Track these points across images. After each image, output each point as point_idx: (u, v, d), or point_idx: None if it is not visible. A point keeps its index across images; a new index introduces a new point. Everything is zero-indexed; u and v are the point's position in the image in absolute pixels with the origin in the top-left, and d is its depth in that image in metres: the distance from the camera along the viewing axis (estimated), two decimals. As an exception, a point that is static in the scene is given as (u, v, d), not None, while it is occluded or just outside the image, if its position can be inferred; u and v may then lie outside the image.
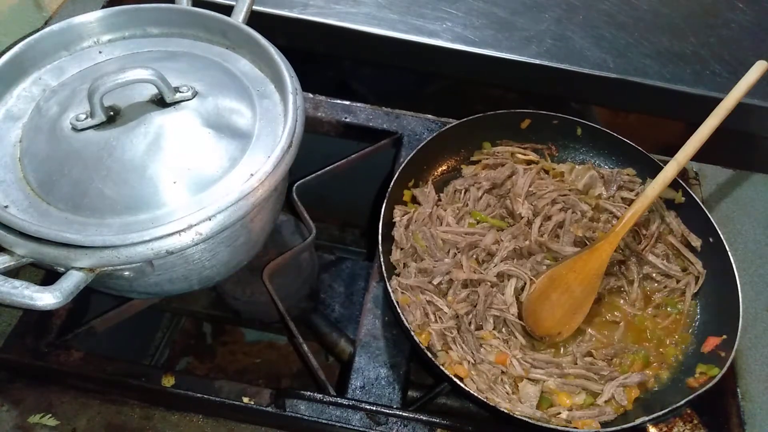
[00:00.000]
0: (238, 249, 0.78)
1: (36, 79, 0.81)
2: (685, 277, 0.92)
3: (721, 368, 0.79)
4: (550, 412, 0.79)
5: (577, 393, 0.81)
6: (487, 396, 0.78)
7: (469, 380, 0.80)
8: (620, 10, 1.24)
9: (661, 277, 0.94)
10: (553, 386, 0.81)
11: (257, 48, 0.83)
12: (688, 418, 0.79)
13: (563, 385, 0.81)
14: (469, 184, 1.00)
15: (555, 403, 0.80)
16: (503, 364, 0.82)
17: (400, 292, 0.86)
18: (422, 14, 1.19)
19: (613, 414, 0.79)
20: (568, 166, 1.04)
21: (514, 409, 0.76)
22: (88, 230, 0.66)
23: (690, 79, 1.12)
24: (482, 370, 0.81)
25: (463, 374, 0.79)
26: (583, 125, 1.03)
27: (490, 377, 0.80)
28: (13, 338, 0.85)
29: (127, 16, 0.86)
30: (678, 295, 0.92)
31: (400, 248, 0.92)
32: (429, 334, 0.83)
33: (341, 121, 1.11)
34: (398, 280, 0.88)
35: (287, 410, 0.80)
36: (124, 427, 0.81)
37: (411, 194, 0.98)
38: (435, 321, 0.85)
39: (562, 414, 0.78)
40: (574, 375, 0.82)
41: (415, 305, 0.85)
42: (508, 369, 0.81)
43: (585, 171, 1.02)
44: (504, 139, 1.05)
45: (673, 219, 0.97)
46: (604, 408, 0.79)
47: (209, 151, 0.73)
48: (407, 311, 0.84)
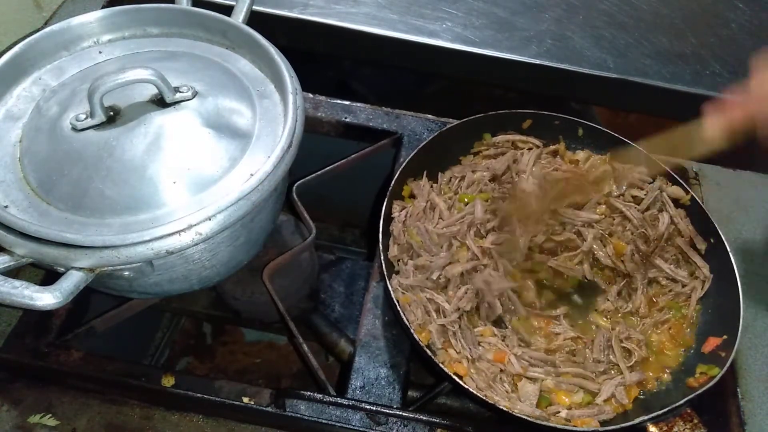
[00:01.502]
0: (238, 249, 0.78)
1: (36, 79, 0.81)
2: (691, 282, 0.92)
3: (722, 368, 0.79)
4: (549, 411, 0.79)
5: (575, 392, 0.81)
6: (486, 394, 0.78)
7: (469, 378, 0.80)
8: (620, 10, 1.24)
9: (667, 281, 0.93)
10: (551, 385, 0.81)
11: (257, 48, 0.83)
12: (688, 417, 0.79)
13: (561, 384, 0.81)
14: (466, 171, 0.99)
15: (554, 401, 0.80)
16: (502, 362, 0.81)
17: (400, 291, 0.86)
18: (422, 14, 1.19)
19: (612, 413, 0.79)
20: (585, 153, 1.03)
21: (513, 408, 0.76)
22: (88, 230, 0.66)
23: (690, 79, 1.12)
24: (481, 368, 0.81)
25: (463, 372, 0.79)
26: (584, 126, 1.03)
27: (489, 375, 0.80)
28: (13, 338, 0.85)
29: (127, 16, 0.86)
30: (683, 299, 0.91)
31: (397, 244, 0.91)
32: (429, 332, 0.83)
33: (341, 121, 1.11)
34: (398, 280, 0.87)
35: (287, 410, 0.80)
36: (124, 427, 0.81)
37: (410, 190, 0.97)
38: (438, 317, 0.84)
39: (562, 413, 0.78)
40: (571, 374, 0.82)
41: (416, 304, 0.85)
42: (506, 367, 0.81)
43: (601, 163, 1.01)
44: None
45: (682, 219, 0.96)
46: (603, 407, 0.79)
47: (209, 151, 0.73)
48: (408, 310, 0.84)
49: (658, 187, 0.98)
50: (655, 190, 0.98)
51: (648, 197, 0.98)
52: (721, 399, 0.85)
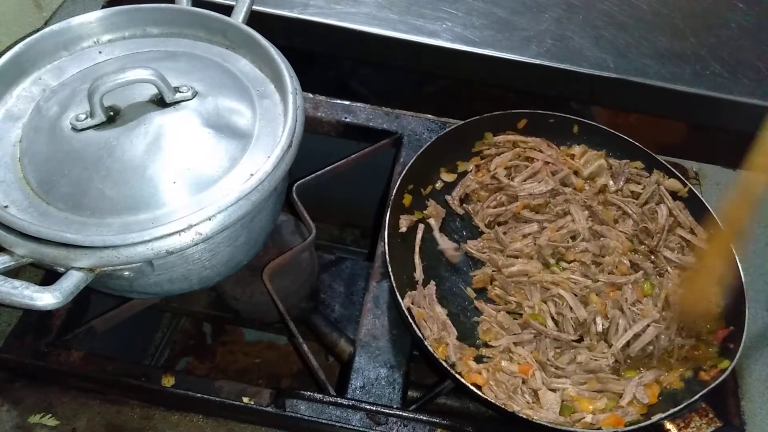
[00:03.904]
0: (238, 249, 0.78)
1: (36, 79, 0.81)
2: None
3: (732, 360, 0.79)
4: (573, 418, 0.78)
5: (599, 398, 0.80)
6: (505, 403, 0.77)
7: (488, 389, 0.78)
8: (620, 10, 1.24)
9: (677, 271, 0.92)
10: (573, 393, 0.80)
11: (257, 48, 0.83)
12: (703, 412, 0.78)
13: (584, 391, 0.80)
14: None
15: (577, 409, 0.79)
16: (525, 374, 0.80)
17: (416, 309, 0.85)
18: (422, 14, 1.19)
19: (637, 414, 0.78)
20: (581, 148, 1.03)
21: (535, 416, 0.75)
22: (88, 230, 0.66)
23: (690, 79, 1.12)
24: (501, 380, 0.79)
25: (481, 383, 0.79)
26: (579, 122, 1.04)
27: (510, 387, 0.79)
28: (13, 338, 0.85)
29: (127, 16, 0.86)
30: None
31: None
32: (446, 346, 0.82)
33: (341, 121, 1.11)
34: (411, 297, 0.87)
35: (287, 410, 0.80)
36: (124, 427, 0.81)
37: (410, 199, 0.97)
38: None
39: (587, 418, 0.77)
40: (596, 379, 0.81)
41: (432, 320, 0.85)
42: (529, 380, 0.80)
43: (596, 158, 1.01)
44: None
45: (680, 211, 0.96)
46: (627, 409, 0.78)
47: (209, 151, 0.73)
48: (423, 326, 0.84)
49: (655, 180, 0.98)
50: (652, 184, 0.98)
51: (646, 191, 0.98)
52: (721, 399, 0.85)
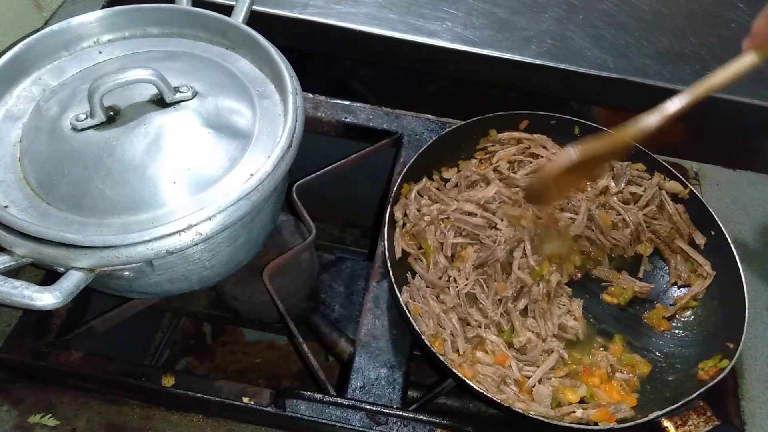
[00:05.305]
0: (238, 249, 0.78)
1: (36, 79, 0.81)
2: (695, 280, 0.92)
3: (731, 360, 0.79)
4: (562, 411, 0.78)
5: (578, 385, 0.81)
6: (500, 398, 0.77)
7: (476, 381, 0.79)
8: (620, 10, 1.24)
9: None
10: (556, 383, 0.81)
11: (257, 48, 0.83)
12: (701, 410, 0.78)
13: (564, 381, 0.81)
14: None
15: (563, 401, 0.80)
16: (503, 365, 0.81)
17: (412, 303, 0.86)
18: (422, 14, 1.19)
19: (630, 410, 0.78)
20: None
21: (529, 410, 0.76)
22: (88, 230, 0.66)
23: (690, 79, 1.11)
24: (486, 374, 0.80)
25: (469, 377, 0.79)
26: (580, 124, 1.03)
27: (496, 379, 0.80)
28: (13, 338, 0.85)
29: (127, 16, 0.86)
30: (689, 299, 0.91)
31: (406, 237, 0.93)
32: (443, 341, 0.83)
33: (341, 121, 1.11)
34: (409, 292, 0.87)
35: (287, 410, 0.80)
36: (124, 427, 0.81)
37: (409, 189, 0.97)
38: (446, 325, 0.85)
39: (577, 412, 0.78)
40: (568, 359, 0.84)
41: (428, 315, 0.85)
42: (506, 371, 0.81)
43: None
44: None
45: (680, 217, 0.96)
46: (620, 405, 0.79)
47: (209, 151, 0.73)
48: (420, 321, 0.84)
49: (656, 183, 0.98)
50: (653, 187, 0.98)
51: (646, 194, 0.98)
52: (721, 399, 0.85)
